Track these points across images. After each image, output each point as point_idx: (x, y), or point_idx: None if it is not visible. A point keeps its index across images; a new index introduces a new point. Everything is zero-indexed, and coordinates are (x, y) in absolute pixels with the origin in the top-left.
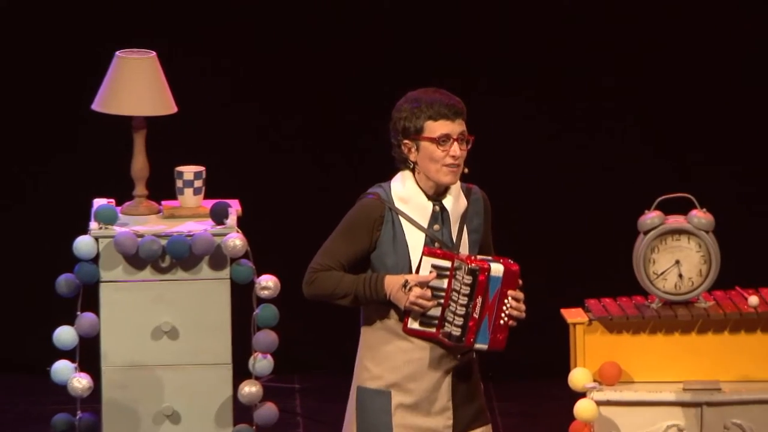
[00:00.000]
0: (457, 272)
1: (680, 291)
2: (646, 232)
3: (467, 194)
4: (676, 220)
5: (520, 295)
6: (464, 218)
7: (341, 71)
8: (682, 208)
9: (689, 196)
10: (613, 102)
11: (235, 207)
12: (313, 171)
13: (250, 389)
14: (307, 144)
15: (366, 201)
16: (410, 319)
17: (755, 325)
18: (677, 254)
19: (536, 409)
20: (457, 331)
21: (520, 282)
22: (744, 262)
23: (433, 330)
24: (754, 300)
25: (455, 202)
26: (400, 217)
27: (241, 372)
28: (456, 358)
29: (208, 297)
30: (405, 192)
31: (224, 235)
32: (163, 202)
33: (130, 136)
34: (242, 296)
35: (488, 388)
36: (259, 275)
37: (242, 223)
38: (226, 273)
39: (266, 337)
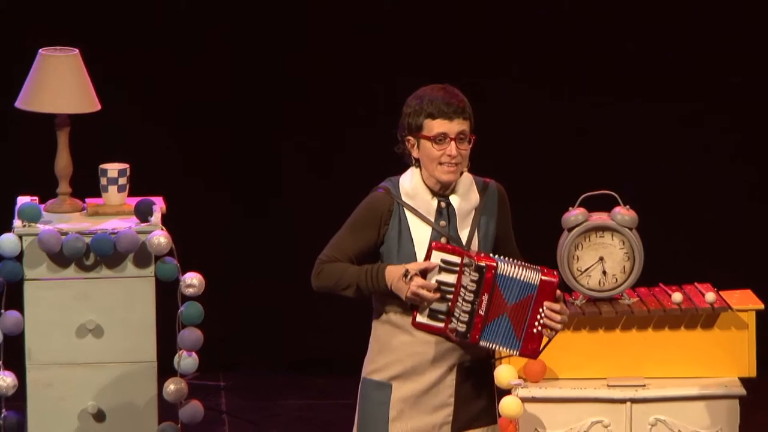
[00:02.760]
0: (466, 268)
1: (604, 288)
2: (570, 229)
3: (483, 189)
4: (599, 217)
5: (556, 306)
6: (477, 214)
7: (260, 65)
8: (605, 205)
9: (613, 193)
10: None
11: (159, 204)
12: (238, 169)
13: (175, 387)
14: (232, 141)
15: (375, 195)
16: (418, 313)
17: (679, 322)
18: (601, 251)
19: None
20: (462, 327)
21: (559, 293)
22: (667, 258)
23: (441, 325)
24: (677, 296)
25: (464, 199)
26: (407, 212)
27: (166, 370)
28: (465, 356)
29: (132, 295)
30: (411, 187)
31: (149, 232)
32: (87, 200)
33: (53, 133)
34: (167, 294)
35: None
36: (183, 273)
37: (167, 221)
38: (150, 271)
39: (191, 335)
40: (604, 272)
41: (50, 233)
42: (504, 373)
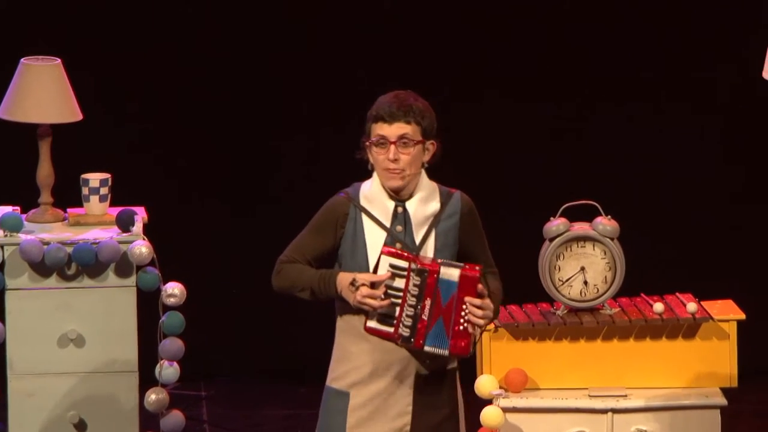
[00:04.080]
0: (413, 273)
1: (585, 298)
2: (551, 239)
3: (446, 198)
4: (581, 227)
5: (477, 301)
6: (434, 222)
7: (242, 74)
8: (587, 215)
9: (594, 203)
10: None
11: (141, 214)
12: (219, 178)
13: (156, 397)
14: (215, 152)
15: (334, 198)
16: (369, 318)
17: (660, 332)
18: (582, 261)
19: None
20: (406, 332)
21: (480, 287)
22: (649, 268)
23: (391, 330)
24: (659, 307)
25: (421, 205)
26: (363, 216)
27: (147, 379)
28: (424, 363)
29: (114, 304)
30: (370, 191)
31: (130, 242)
32: (68, 210)
33: (35, 143)
34: (148, 304)
35: None
36: (165, 283)
37: (148, 231)
38: (132, 280)
39: (172, 345)
40: (586, 282)
41: (32, 243)
42: (485, 383)
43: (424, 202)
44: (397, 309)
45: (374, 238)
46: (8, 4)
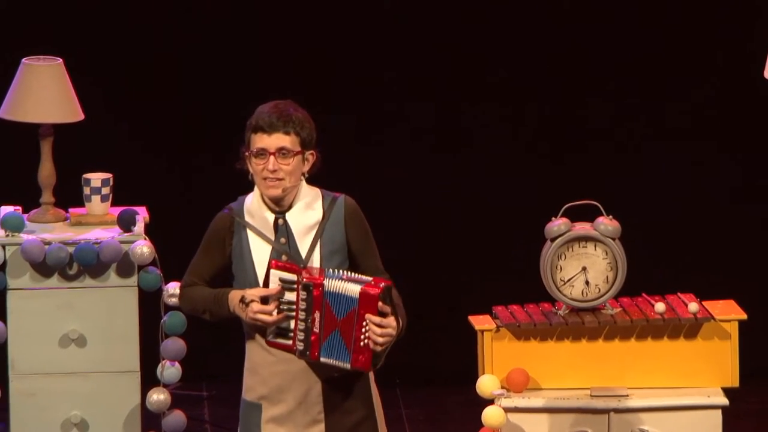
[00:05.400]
0: (300, 287)
1: (587, 298)
2: (552, 239)
3: (330, 204)
4: (582, 227)
5: (377, 319)
6: (319, 230)
7: (245, 74)
8: (588, 215)
9: (596, 203)
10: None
11: (142, 214)
12: (222, 178)
13: (158, 397)
14: (216, 151)
15: (218, 216)
16: (268, 332)
17: (662, 332)
18: (584, 261)
19: (444, 416)
20: (301, 345)
21: (381, 305)
22: (650, 268)
23: (290, 342)
24: (660, 307)
25: (301, 214)
26: (248, 230)
27: (149, 379)
28: (330, 372)
29: (115, 304)
30: (251, 205)
31: (132, 242)
32: (70, 210)
33: (36, 143)
34: (150, 304)
35: (395, 394)
36: (166, 282)
37: (150, 231)
38: (133, 280)
39: (174, 345)
40: (587, 282)
41: (33, 243)
42: (487, 383)
43: (304, 212)
44: (292, 322)
45: (260, 253)
46: (9, 3)
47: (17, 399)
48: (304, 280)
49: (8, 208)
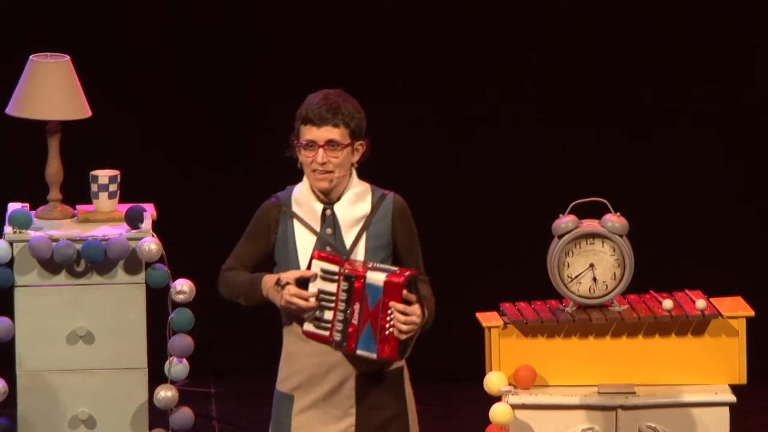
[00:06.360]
0: (342, 278)
1: (594, 295)
2: (560, 236)
3: (379, 200)
4: (590, 224)
5: (401, 306)
6: (365, 224)
7: (253, 71)
8: (596, 212)
9: (603, 200)
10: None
11: (150, 211)
12: (229, 175)
13: (165, 393)
14: (223, 148)
15: (264, 204)
16: (306, 322)
17: (669, 329)
18: (591, 258)
19: (451, 412)
20: (338, 337)
21: (406, 293)
22: (658, 265)
23: (327, 333)
24: (668, 304)
25: (350, 207)
26: (294, 220)
27: (156, 376)
28: (361, 366)
29: (123, 301)
30: (300, 194)
31: (139, 239)
32: (77, 207)
33: (44, 140)
34: (157, 300)
35: None
36: (174, 279)
37: (157, 227)
38: (141, 277)
39: (182, 342)
40: (595, 279)
41: (41, 240)
42: (494, 380)
43: (353, 204)
44: (331, 313)
45: (304, 242)
46: (17, 0)
47: (25, 396)
48: (347, 271)
49: (16, 205)
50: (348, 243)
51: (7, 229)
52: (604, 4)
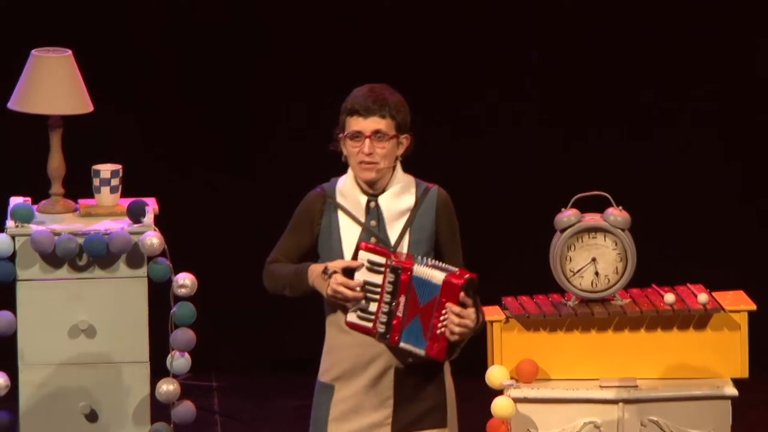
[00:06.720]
0: (388, 270)
1: (597, 289)
2: (562, 230)
3: (423, 193)
4: (592, 218)
5: (456, 308)
6: (410, 217)
7: (255, 67)
8: (598, 206)
9: (606, 194)
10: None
11: (152, 205)
12: (230, 169)
13: (167, 387)
14: (225, 143)
15: (309, 194)
16: (349, 312)
17: (672, 323)
18: (593, 252)
19: None
20: (382, 328)
21: (463, 296)
22: (660, 259)
23: (370, 325)
24: (670, 297)
25: (394, 199)
26: (339, 211)
27: (158, 370)
28: (405, 358)
29: (125, 295)
30: (345, 186)
31: (141, 233)
32: (79, 201)
33: (46, 134)
34: (159, 294)
35: None
36: (176, 273)
37: (159, 222)
38: (143, 271)
39: (183, 336)
40: (597, 273)
41: (43, 234)
42: (496, 374)
43: (397, 197)
44: (375, 304)
45: (349, 234)
46: None
47: (27, 389)
48: (393, 263)
49: (18, 199)
50: (392, 235)
51: (9, 223)
52: (604, 4)
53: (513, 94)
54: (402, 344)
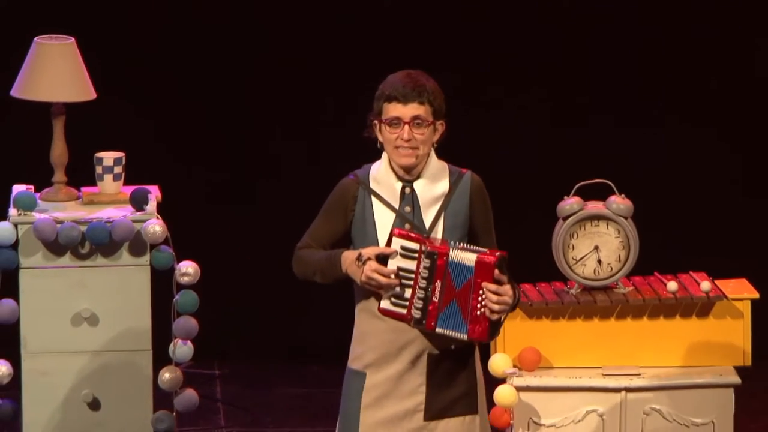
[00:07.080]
0: (423, 255)
1: (599, 277)
2: (565, 218)
3: (457, 179)
4: (594, 206)
5: (493, 286)
6: (444, 202)
7: (256, 57)
8: (601, 194)
9: (608, 182)
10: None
11: (154, 193)
12: (234, 157)
13: (170, 375)
14: (227, 130)
15: (342, 181)
16: (383, 299)
17: (674, 311)
18: (596, 240)
19: None
20: (418, 314)
21: (498, 273)
22: (663, 247)
23: (404, 311)
24: (673, 285)
25: (429, 185)
26: (373, 197)
27: (161, 358)
28: (440, 344)
29: (128, 283)
30: (379, 172)
31: (144, 221)
32: (82, 189)
33: (49, 122)
34: (162, 282)
35: None
36: (178, 261)
37: (162, 209)
38: (146, 259)
39: (186, 324)
40: (599, 261)
41: (46, 222)
42: (499, 362)
43: (432, 183)
44: (409, 290)
45: (383, 220)
46: None
47: (29, 377)
48: (428, 248)
49: (20, 187)
50: (427, 221)
51: (12, 211)
52: (604, 4)
53: (515, 92)
54: (438, 329)
